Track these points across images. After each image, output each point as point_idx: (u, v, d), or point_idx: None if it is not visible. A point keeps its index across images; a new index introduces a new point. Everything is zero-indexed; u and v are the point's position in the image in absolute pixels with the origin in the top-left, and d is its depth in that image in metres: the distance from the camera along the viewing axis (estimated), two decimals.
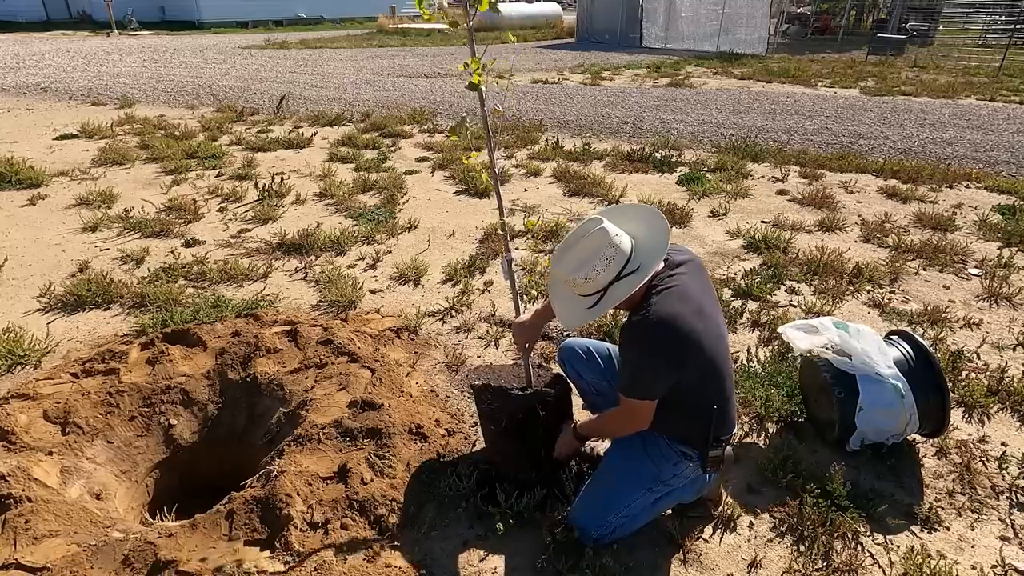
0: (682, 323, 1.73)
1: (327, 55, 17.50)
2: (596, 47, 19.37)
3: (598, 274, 1.77)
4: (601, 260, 1.76)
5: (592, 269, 1.77)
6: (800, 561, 1.98)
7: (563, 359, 2.37)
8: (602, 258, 1.76)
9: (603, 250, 1.76)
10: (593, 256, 1.77)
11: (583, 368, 2.31)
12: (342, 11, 31.86)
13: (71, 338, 3.26)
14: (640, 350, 1.78)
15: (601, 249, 1.77)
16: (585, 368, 2.30)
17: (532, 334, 2.26)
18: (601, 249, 1.77)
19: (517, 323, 2.25)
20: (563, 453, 2.18)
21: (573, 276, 1.80)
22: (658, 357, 1.76)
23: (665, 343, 1.74)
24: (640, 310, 1.79)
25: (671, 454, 1.93)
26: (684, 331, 1.73)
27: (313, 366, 2.82)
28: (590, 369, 2.29)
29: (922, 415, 2.32)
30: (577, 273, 1.79)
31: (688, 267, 1.88)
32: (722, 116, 8.99)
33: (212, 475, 2.64)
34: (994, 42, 18.36)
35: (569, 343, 2.39)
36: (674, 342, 1.74)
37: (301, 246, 4.33)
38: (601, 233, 1.78)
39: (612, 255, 1.76)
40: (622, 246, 1.78)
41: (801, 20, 23.06)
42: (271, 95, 10.59)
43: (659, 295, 1.78)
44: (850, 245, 4.47)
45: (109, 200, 5.24)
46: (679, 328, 1.73)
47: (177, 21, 28.03)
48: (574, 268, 1.80)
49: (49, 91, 11.07)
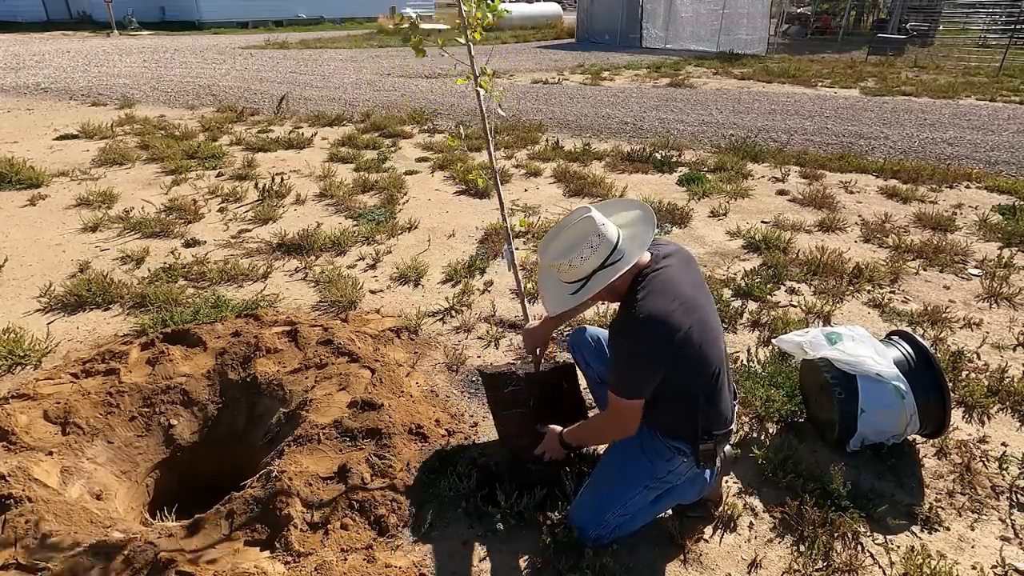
0: (671, 320, 1.74)
1: (327, 55, 17.49)
2: (596, 47, 19.36)
3: (583, 261, 1.79)
4: (586, 247, 1.78)
5: (577, 256, 1.78)
6: (800, 561, 1.98)
7: (573, 344, 2.38)
8: (587, 245, 1.78)
9: (589, 237, 1.78)
10: (579, 243, 1.79)
11: (591, 357, 2.32)
12: (342, 11, 31.85)
13: (71, 338, 3.26)
14: (629, 348, 1.79)
15: (587, 236, 1.79)
16: (593, 357, 2.31)
17: (542, 339, 2.31)
18: (587, 236, 1.79)
19: (527, 329, 2.31)
20: (548, 456, 2.18)
21: (558, 262, 1.82)
22: (647, 356, 1.76)
23: (654, 341, 1.75)
24: (628, 306, 1.80)
25: (664, 449, 1.93)
26: (673, 328, 1.74)
27: (313, 366, 2.82)
28: (598, 359, 2.30)
29: (922, 415, 2.32)
30: (562, 259, 1.81)
31: (674, 259, 1.89)
32: (722, 116, 8.99)
33: (212, 475, 2.64)
34: (994, 42, 18.36)
35: (581, 330, 2.39)
36: (660, 339, 1.74)
37: (301, 246, 4.33)
38: (588, 221, 1.80)
39: (597, 243, 1.78)
40: (608, 235, 1.80)
41: (801, 20, 23.06)
42: (271, 95, 10.59)
43: (646, 290, 1.79)
44: (850, 245, 4.47)
45: (109, 200, 5.24)
46: (668, 325, 1.74)
47: (177, 21, 28.00)
48: (560, 254, 1.82)
49: (49, 91, 11.07)
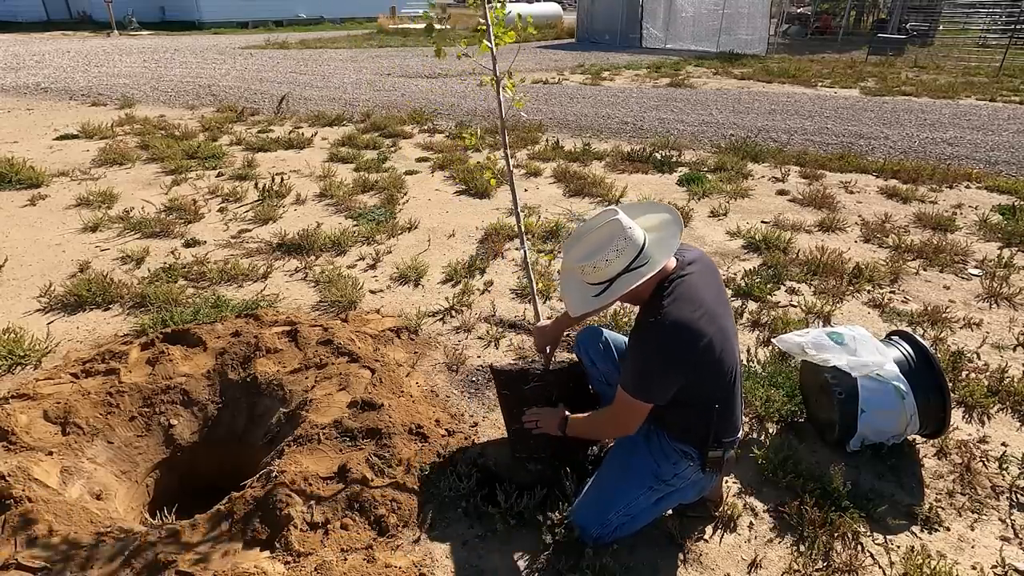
0: (696, 328, 1.73)
1: (327, 55, 17.49)
2: (596, 47, 19.36)
3: (608, 264, 1.77)
4: (612, 250, 1.76)
5: (603, 258, 1.77)
6: (800, 561, 1.98)
7: (580, 343, 2.37)
8: (613, 248, 1.76)
9: (615, 240, 1.77)
10: (605, 245, 1.77)
11: (597, 356, 2.31)
12: (342, 11, 31.86)
13: (71, 338, 3.26)
14: (651, 353, 1.77)
15: (613, 239, 1.77)
16: (600, 356, 2.31)
17: (552, 339, 2.31)
18: (613, 239, 1.77)
19: (538, 328, 2.32)
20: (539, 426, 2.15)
21: (583, 264, 1.80)
22: (669, 363, 1.75)
23: (676, 348, 1.74)
24: (652, 311, 1.79)
25: (671, 452, 1.93)
26: (697, 337, 1.73)
27: (313, 366, 2.81)
28: (604, 358, 2.29)
29: (923, 416, 2.32)
30: (587, 261, 1.79)
31: (697, 266, 1.88)
32: (722, 116, 8.99)
33: (212, 475, 2.64)
34: (994, 42, 18.36)
35: (589, 329, 2.38)
36: (686, 348, 1.73)
37: (301, 246, 4.33)
38: (615, 224, 1.79)
39: (623, 247, 1.77)
40: (634, 238, 1.78)
41: (801, 20, 23.05)
42: (271, 95, 10.59)
43: (671, 297, 1.77)
44: (850, 245, 4.47)
45: (109, 200, 5.24)
46: (692, 333, 1.72)
47: (177, 21, 28.01)
48: (585, 255, 1.80)
49: (49, 91, 11.07)
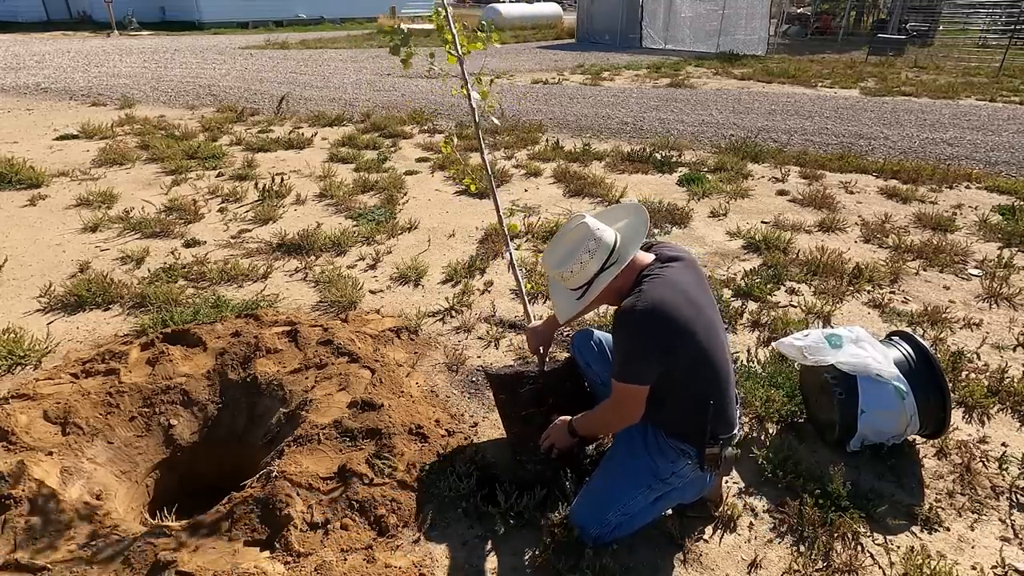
0: (671, 307, 1.77)
1: (327, 55, 17.50)
2: (596, 47, 19.37)
3: (583, 266, 1.84)
4: (584, 252, 1.83)
5: (576, 261, 1.84)
6: (800, 561, 1.98)
7: (575, 346, 2.41)
8: (585, 250, 1.83)
9: (585, 242, 1.84)
10: (576, 248, 1.84)
11: (592, 358, 2.33)
12: (342, 11, 31.86)
13: (71, 338, 3.26)
14: (630, 333, 1.80)
15: (583, 241, 1.84)
16: (594, 358, 2.33)
17: (545, 339, 2.35)
18: (583, 241, 1.84)
19: (530, 328, 2.36)
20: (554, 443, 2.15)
21: (560, 269, 1.88)
22: (648, 340, 1.78)
23: (654, 326, 1.76)
24: (629, 298, 1.82)
25: (669, 450, 1.93)
26: (673, 315, 1.76)
27: (313, 366, 2.81)
28: (599, 360, 2.31)
29: (923, 416, 2.32)
30: (563, 267, 1.87)
31: (680, 263, 1.92)
32: (722, 116, 8.99)
33: (212, 475, 2.63)
34: (994, 42, 18.35)
35: (584, 332, 2.41)
36: (664, 325, 1.76)
37: (301, 246, 4.33)
38: (582, 227, 1.87)
39: (595, 247, 1.83)
40: (604, 238, 1.85)
41: (801, 20, 23.05)
42: (271, 95, 10.59)
43: (647, 283, 1.82)
44: (850, 245, 4.47)
45: (109, 200, 5.24)
46: (668, 311, 1.76)
47: (177, 21, 28.02)
48: (559, 261, 1.88)
49: (49, 91, 11.07)
